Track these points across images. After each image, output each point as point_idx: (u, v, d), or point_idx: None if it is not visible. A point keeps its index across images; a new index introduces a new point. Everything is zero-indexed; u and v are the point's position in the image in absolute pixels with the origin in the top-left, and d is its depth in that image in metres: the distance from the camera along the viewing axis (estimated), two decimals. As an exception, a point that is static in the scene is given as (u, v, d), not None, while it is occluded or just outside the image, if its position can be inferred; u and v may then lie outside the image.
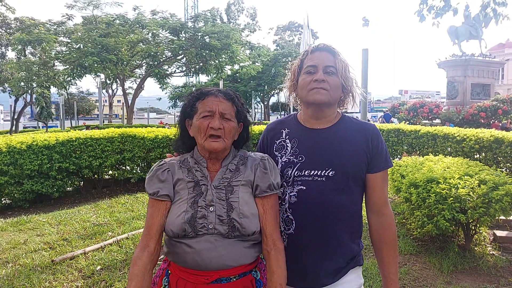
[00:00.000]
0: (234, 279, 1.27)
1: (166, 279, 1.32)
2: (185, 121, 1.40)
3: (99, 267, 3.38)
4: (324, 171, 1.40)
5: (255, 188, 1.33)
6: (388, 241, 1.46)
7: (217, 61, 19.48)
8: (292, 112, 1.68)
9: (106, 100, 39.31)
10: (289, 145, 1.47)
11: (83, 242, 3.99)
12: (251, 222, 1.26)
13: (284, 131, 1.52)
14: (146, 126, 10.26)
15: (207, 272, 1.24)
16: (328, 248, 1.40)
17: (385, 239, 1.46)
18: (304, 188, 1.40)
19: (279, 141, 1.51)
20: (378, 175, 1.45)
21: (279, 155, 1.48)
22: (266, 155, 1.43)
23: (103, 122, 23.29)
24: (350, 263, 1.44)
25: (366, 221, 1.53)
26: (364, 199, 1.50)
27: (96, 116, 49.34)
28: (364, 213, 1.50)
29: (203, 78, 31.03)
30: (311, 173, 1.40)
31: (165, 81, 21.08)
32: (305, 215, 1.40)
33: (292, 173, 1.42)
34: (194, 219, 1.23)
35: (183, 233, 1.23)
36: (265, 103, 37.48)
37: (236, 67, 24.21)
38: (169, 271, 1.33)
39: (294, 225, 1.42)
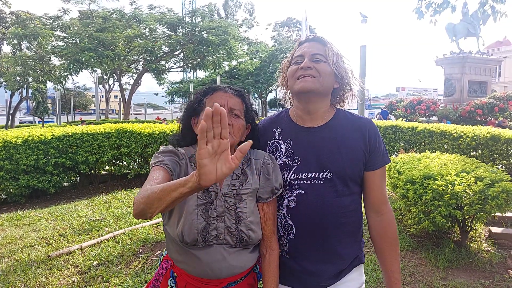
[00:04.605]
0: (241, 281, 1.29)
1: (173, 280, 1.30)
2: (190, 118, 1.32)
3: (95, 263, 3.38)
4: (321, 173, 1.33)
5: (258, 194, 1.30)
6: (389, 240, 1.41)
7: (214, 57, 19.40)
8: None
9: (103, 96, 39.07)
10: (283, 146, 1.38)
11: (80, 237, 3.97)
12: (257, 232, 1.27)
13: (276, 131, 1.42)
14: (142, 122, 10.23)
15: (216, 280, 1.24)
16: (330, 251, 1.35)
17: (386, 238, 1.41)
18: (303, 192, 1.33)
19: (272, 142, 1.41)
20: (376, 172, 1.38)
21: (273, 157, 1.39)
22: (267, 153, 1.37)
23: (100, 117, 23.19)
24: (352, 263, 1.41)
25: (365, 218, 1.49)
26: (362, 197, 1.45)
27: (92, 112, 49.08)
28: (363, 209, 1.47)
29: (201, 74, 30.98)
30: (309, 176, 1.33)
31: (162, 76, 20.98)
32: (305, 220, 1.34)
33: (289, 176, 1.35)
34: (207, 230, 1.20)
35: (193, 242, 1.19)
36: (263, 100, 37.43)
37: (234, 63, 24.15)
38: (175, 274, 1.30)
39: (294, 230, 1.35)
